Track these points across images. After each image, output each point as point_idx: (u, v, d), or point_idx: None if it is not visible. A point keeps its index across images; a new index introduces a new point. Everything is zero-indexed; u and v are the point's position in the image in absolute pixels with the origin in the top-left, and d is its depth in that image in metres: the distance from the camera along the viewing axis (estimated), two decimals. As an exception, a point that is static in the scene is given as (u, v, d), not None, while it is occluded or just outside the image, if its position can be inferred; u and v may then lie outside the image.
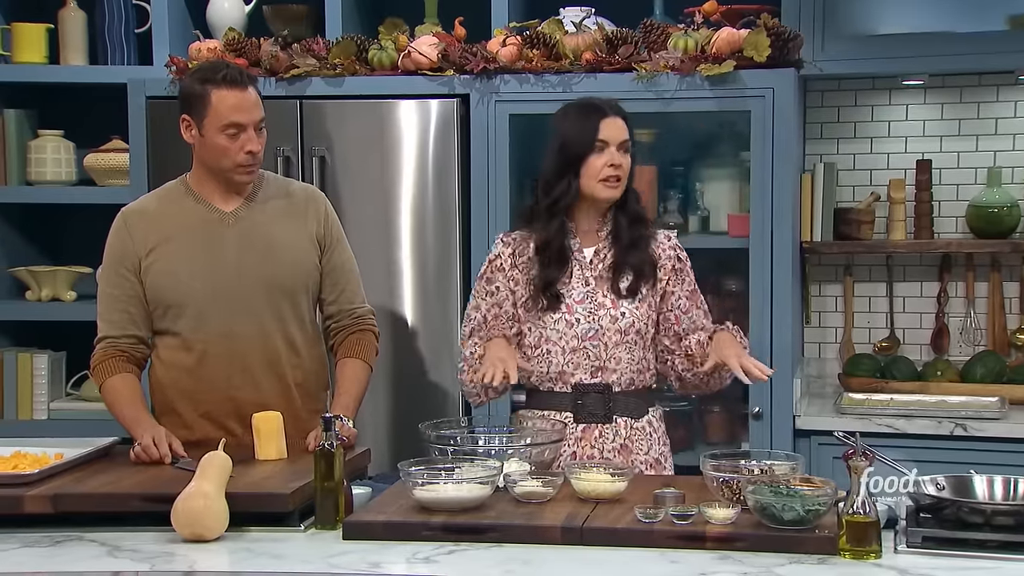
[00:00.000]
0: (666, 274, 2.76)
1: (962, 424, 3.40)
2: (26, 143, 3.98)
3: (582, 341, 2.69)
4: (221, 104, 2.74)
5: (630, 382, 2.72)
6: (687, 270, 2.80)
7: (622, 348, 2.70)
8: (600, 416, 2.70)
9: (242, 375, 2.82)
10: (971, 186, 3.82)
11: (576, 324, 2.69)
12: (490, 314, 2.77)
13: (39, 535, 2.35)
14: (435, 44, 3.57)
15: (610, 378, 2.70)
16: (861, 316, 3.92)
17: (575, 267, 2.73)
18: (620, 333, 2.69)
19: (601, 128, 2.70)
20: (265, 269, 2.83)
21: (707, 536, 2.22)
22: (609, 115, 2.72)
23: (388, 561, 2.21)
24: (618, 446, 2.70)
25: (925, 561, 2.15)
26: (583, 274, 2.73)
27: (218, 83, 2.74)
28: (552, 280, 2.72)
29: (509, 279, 2.76)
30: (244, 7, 3.88)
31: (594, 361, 2.69)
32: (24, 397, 3.95)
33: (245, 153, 2.76)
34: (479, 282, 2.81)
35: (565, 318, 2.70)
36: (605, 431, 2.70)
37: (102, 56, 3.93)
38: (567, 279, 2.72)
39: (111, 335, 2.84)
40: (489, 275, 2.79)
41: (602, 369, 2.70)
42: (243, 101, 2.75)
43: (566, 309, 2.70)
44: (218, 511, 2.31)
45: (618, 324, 2.69)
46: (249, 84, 2.78)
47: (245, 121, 2.75)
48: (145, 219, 2.85)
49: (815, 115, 3.90)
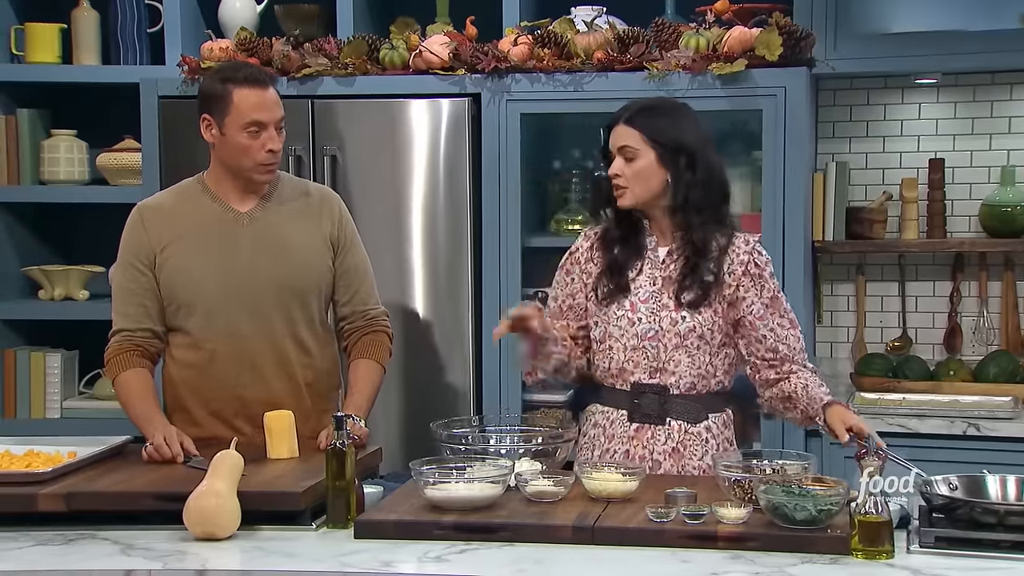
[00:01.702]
0: (735, 279, 2.66)
1: (975, 424, 3.39)
2: (39, 143, 3.99)
3: (641, 340, 2.66)
4: (243, 103, 2.75)
5: (690, 386, 2.68)
6: (766, 276, 2.67)
7: (681, 351, 2.66)
8: (654, 417, 2.67)
9: (252, 374, 2.83)
10: (984, 185, 3.81)
11: (638, 323, 2.67)
12: (564, 304, 2.77)
13: (52, 533, 2.36)
14: (446, 43, 3.57)
15: (668, 380, 2.67)
16: (873, 315, 3.91)
17: (647, 264, 2.70)
18: (679, 337, 2.65)
19: (610, 139, 2.69)
20: (277, 271, 2.84)
21: (719, 536, 2.21)
22: (616, 124, 2.69)
23: (399, 560, 2.21)
24: (670, 449, 2.67)
25: (938, 561, 2.14)
26: (653, 273, 2.69)
27: (240, 82, 2.76)
28: (620, 265, 2.69)
29: (584, 272, 2.75)
30: (256, 7, 3.89)
31: (652, 362, 2.67)
32: (37, 396, 3.97)
33: (266, 152, 2.77)
34: (559, 272, 2.81)
35: (628, 315, 2.68)
36: (658, 432, 2.68)
37: (115, 56, 3.94)
38: (636, 274, 2.70)
39: (126, 328, 2.84)
40: (568, 267, 2.79)
41: (660, 371, 2.67)
42: (265, 99, 2.76)
43: (630, 307, 2.68)
44: (230, 510, 2.31)
45: (678, 328, 2.65)
46: (269, 83, 2.80)
47: (267, 119, 2.76)
48: (161, 214, 2.86)
49: (827, 114, 3.89)
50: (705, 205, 2.65)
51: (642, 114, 2.67)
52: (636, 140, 2.65)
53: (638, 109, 2.68)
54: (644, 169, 2.64)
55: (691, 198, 2.64)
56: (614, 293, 2.69)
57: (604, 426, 2.71)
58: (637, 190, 2.65)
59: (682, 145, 2.64)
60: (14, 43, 3.96)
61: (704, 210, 2.65)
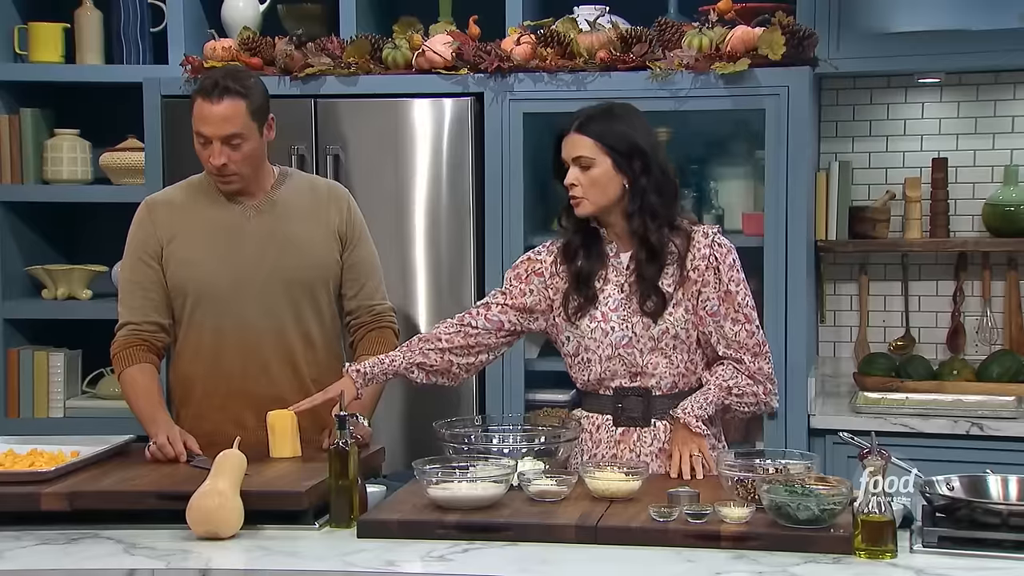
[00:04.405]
0: (699, 275, 2.65)
1: (978, 423, 3.38)
2: (42, 142, 4.00)
3: (616, 349, 2.65)
4: (195, 113, 2.76)
5: (671, 386, 2.67)
6: (723, 270, 2.64)
7: (658, 354, 2.65)
8: (639, 419, 2.67)
9: (257, 368, 2.84)
10: (987, 184, 3.80)
11: (611, 332, 2.65)
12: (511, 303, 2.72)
13: (55, 532, 2.36)
14: (449, 43, 3.57)
15: (649, 383, 2.67)
16: (876, 315, 3.90)
17: (612, 272, 2.68)
18: (654, 340, 2.64)
19: (562, 148, 2.66)
20: (285, 262, 2.84)
21: (722, 535, 2.21)
22: (568, 132, 2.65)
23: (403, 559, 2.21)
24: (656, 450, 2.66)
25: (942, 561, 2.14)
26: (619, 280, 2.68)
27: (199, 91, 2.76)
28: (586, 276, 2.67)
29: (550, 287, 2.71)
30: (259, 6, 3.89)
31: (631, 368, 2.66)
32: (40, 395, 3.97)
33: (211, 163, 2.77)
34: (512, 275, 2.76)
35: (601, 327, 2.66)
36: (644, 434, 2.67)
37: (118, 55, 3.94)
38: (603, 284, 2.68)
39: (132, 321, 2.85)
40: (527, 276, 2.73)
41: (640, 374, 2.66)
42: (209, 114, 2.72)
43: (601, 318, 2.66)
44: (233, 509, 2.32)
45: (651, 332, 2.64)
46: (224, 97, 2.72)
47: (208, 134, 2.74)
48: (168, 208, 2.87)
49: (830, 113, 3.89)
50: (661, 208, 2.63)
51: (594, 121, 2.63)
52: (590, 149, 2.61)
53: (588, 116, 2.64)
54: (601, 177, 2.61)
55: (647, 202, 2.62)
56: (584, 306, 2.67)
57: (591, 431, 2.71)
58: (595, 198, 2.62)
59: (637, 150, 2.62)
60: (17, 42, 3.97)
61: (659, 214, 2.63)
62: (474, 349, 2.72)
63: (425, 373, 2.71)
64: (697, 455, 2.60)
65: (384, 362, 2.70)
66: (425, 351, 2.70)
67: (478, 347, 2.72)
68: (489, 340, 2.72)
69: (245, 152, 2.77)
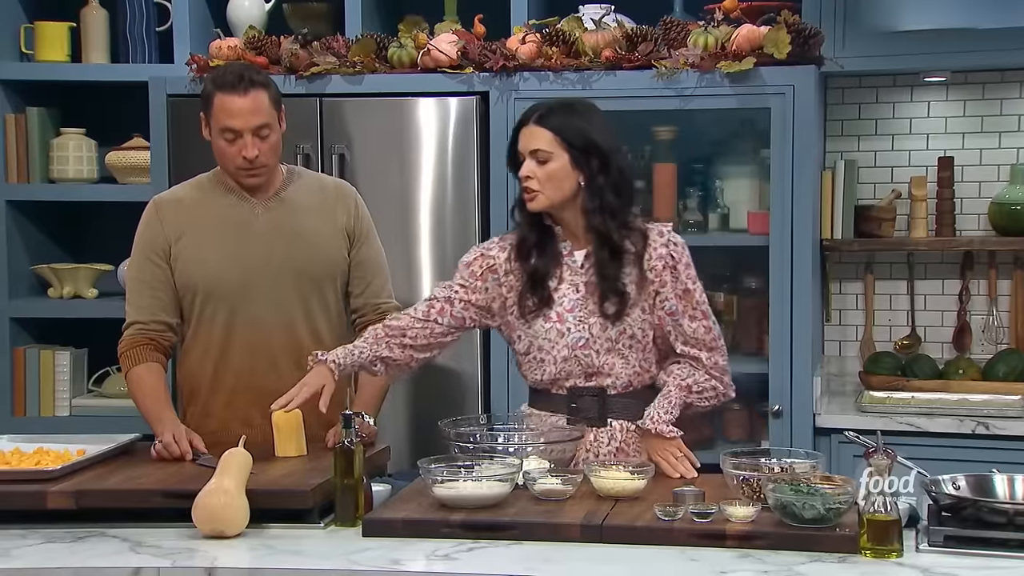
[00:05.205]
0: (656, 275, 2.63)
1: (984, 423, 3.38)
2: (48, 141, 4.00)
3: (573, 350, 2.63)
4: (220, 109, 2.75)
5: (627, 384, 2.67)
6: (680, 268, 2.63)
7: (615, 355, 2.64)
8: (595, 420, 2.66)
9: (266, 364, 2.84)
10: (993, 183, 3.79)
11: (567, 333, 2.63)
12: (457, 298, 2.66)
13: (62, 531, 2.36)
14: (454, 42, 3.57)
15: (605, 382, 2.66)
16: (882, 314, 3.90)
17: (566, 271, 2.65)
18: (611, 341, 2.63)
19: (519, 140, 2.64)
20: (293, 257, 2.85)
21: (727, 534, 2.21)
22: (527, 124, 2.62)
23: (408, 558, 2.21)
24: (613, 449, 2.66)
25: (947, 560, 2.14)
26: (575, 280, 2.65)
27: (220, 86, 2.76)
28: (541, 276, 2.63)
29: (503, 285, 2.68)
30: (264, 5, 3.89)
31: (587, 368, 2.65)
32: (46, 394, 3.97)
33: (242, 158, 2.77)
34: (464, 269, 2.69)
35: (556, 327, 2.64)
36: (600, 434, 2.67)
37: (124, 54, 3.94)
38: (558, 283, 2.65)
39: (139, 320, 2.86)
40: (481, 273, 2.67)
41: (596, 374, 2.65)
42: (238, 107, 2.74)
43: (557, 318, 2.64)
44: (238, 507, 2.32)
45: (608, 332, 2.62)
46: (250, 89, 2.75)
47: (239, 127, 2.75)
48: (177, 207, 2.88)
49: (836, 112, 3.88)
50: (618, 208, 2.61)
51: (554, 115, 2.61)
52: (548, 142, 2.59)
53: (549, 109, 2.63)
54: (557, 171, 2.59)
55: (606, 200, 2.60)
56: (539, 307, 2.64)
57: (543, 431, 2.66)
58: (550, 193, 2.59)
59: (595, 147, 2.60)
60: (23, 41, 3.97)
61: (617, 214, 2.61)
62: (433, 346, 2.69)
63: (386, 367, 2.67)
64: (680, 456, 2.60)
65: (354, 353, 2.63)
66: (391, 345, 2.65)
67: (437, 344, 2.69)
68: (448, 338, 2.69)
69: (272, 142, 2.80)
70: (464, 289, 2.68)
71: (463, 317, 2.68)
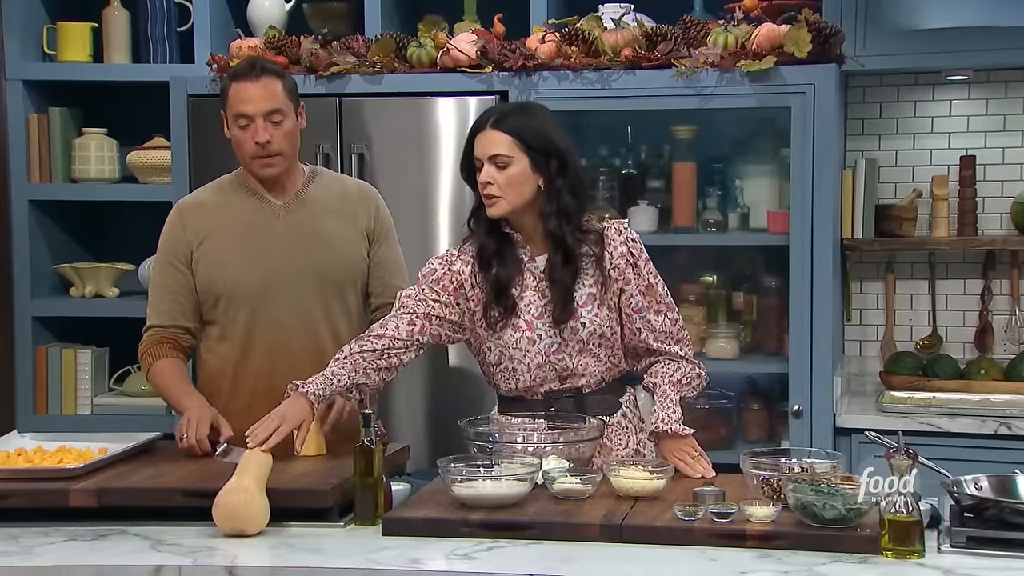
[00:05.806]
0: (619, 273, 2.62)
1: (1006, 423, 3.36)
2: (70, 141, 4.03)
3: (547, 356, 2.63)
4: (233, 97, 2.80)
5: (600, 381, 2.68)
6: (640, 264, 2.63)
7: (587, 355, 2.64)
8: (573, 419, 2.65)
9: (286, 366, 2.85)
10: (1016, 182, 3.77)
11: (539, 340, 2.62)
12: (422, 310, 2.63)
13: (84, 529, 2.38)
14: (474, 41, 3.57)
15: (579, 382, 2.66)
16: (903, 314, 3.88)
17: (529, 278, 2.64)
18: (582, 343, 2.63)
19: (476, 145, 2.61)
20: (314, 260, 2.86)
21: (747, 534, 2.21)
22: (483, 129, 2.59)
23: (427, 557, 2.22)
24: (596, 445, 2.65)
25: (969, 561, 2.12)
26: (539, 286, 2.64)
27: (233, 76, 2.81)
28: (504, 285, 2.60)
29: (469, 299, 2.65)
30: (284, 5, 3.90)
31: (561, 372, 2.65)
32: (68, 392, 4.00)
33: (254, 143, 2.78)
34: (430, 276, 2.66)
35: (527, 335, 2.63)
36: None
37: (145, 55, 3.96)
38: (522, 291, 2.64)
39: (159, 324, 2.89)
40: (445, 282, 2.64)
41: (571, 376, 2.66)
42: (249, 93, 2.77)
43: (526, 327, 2.63)
44: (259, 506, 2.33)
45: (579, 335, 2.62)
46: (262, 75, 2.78)
47: (251, 112, 2.78)
48: (199, 211, 2.90)
49: (857, 111, 3.87)
50: (574, 211, 2.60)
51: (510, 117, 2.59)
52: (508, 146, 2.57)
53: (504, 113, 2.61)
54: (518, 176, 2.57)
55: (563, 203, 2.58)
56: (504, 316, 2.62)
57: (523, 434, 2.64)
58: (512, 198, 2.57)
59: (554, 147, 2.58)
60: (46, 42, 4.00)
61: (573, 217, 2.59)
62: (403, 366, 2.65)
63: (359, 391, 2.62)
64: (696, 455, 2.60)
65: (332, 382, 2.55)
66: (368, 372, 2.58)
67: (407, 364, 2.65)
68: (417, 356, 2.66)
69: (286, 129, 2.81)
70: (439, 304, 2.65)
71: (439, 334, 2.67)
